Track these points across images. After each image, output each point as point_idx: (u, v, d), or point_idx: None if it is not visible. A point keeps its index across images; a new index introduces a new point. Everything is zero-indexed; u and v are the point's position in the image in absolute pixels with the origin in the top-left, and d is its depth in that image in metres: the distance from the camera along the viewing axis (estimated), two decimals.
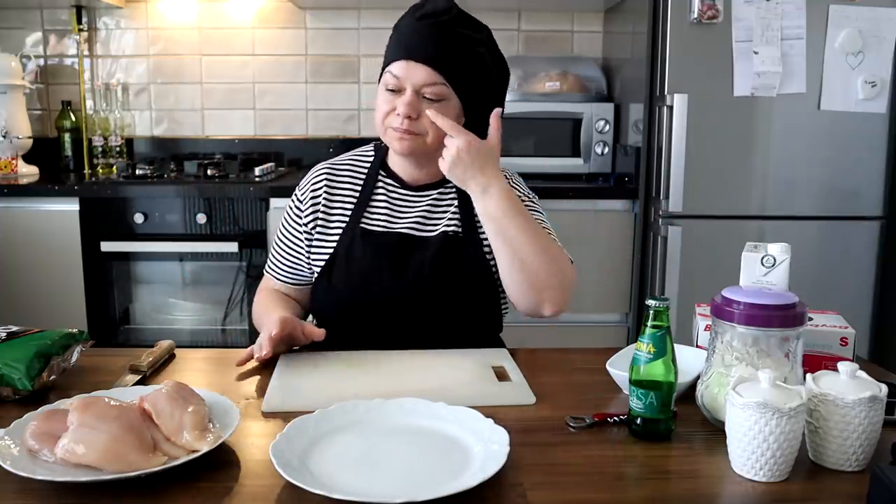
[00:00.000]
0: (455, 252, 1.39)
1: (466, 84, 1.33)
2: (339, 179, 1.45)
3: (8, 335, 1.16)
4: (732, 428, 0.90)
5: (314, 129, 3.25)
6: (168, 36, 3.16)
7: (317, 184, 1.44)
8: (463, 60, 1.32)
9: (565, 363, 1.30)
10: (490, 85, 1.37)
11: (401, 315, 1.38)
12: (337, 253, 1.40)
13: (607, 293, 2.68)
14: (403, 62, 1.30)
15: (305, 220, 1.44)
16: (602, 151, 2.81)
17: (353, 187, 1.44)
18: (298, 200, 1.46)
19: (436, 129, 1.32)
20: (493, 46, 1.37)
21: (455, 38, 1.31)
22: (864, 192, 2.51)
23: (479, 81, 1.35)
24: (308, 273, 1.47)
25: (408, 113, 1.30)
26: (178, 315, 2.76)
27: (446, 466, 0.89)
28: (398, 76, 1.31)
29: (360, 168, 1.46)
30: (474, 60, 1.33)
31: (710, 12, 2.37)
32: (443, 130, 1.30)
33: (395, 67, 1.31)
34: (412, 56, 1.30)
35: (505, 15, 3.16)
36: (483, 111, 1.35)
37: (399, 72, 1.31)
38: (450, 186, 1.43)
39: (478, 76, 1.34)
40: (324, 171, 1.46)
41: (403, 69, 1.30)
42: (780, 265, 1.07)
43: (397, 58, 1.31)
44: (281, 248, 1.49)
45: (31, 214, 2.57)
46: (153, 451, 0.88)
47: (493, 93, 1.39)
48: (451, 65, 1.30)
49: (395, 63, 1.32)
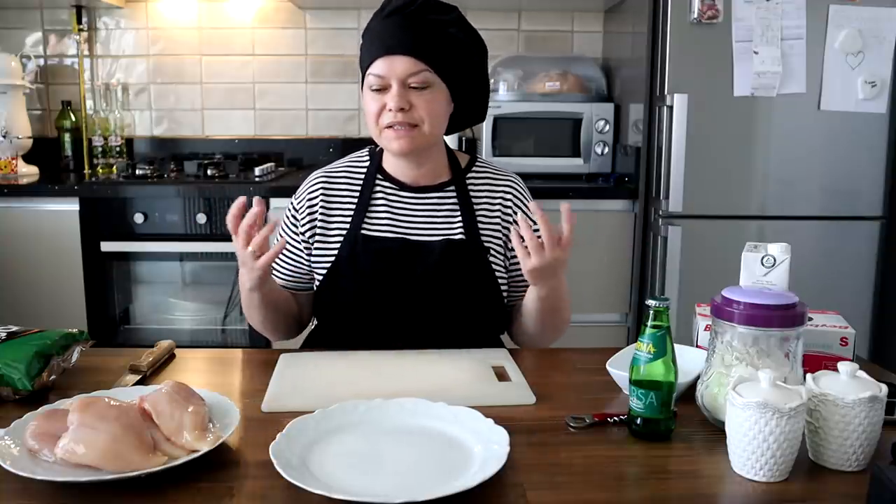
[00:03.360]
0: (460, 258, 1.39)
1: (447, 66, 1.34)
2: (336, 186, 1.44)
3: (8, 335, 1.16)
4: (732, 428, 0.90)
5: (314, 129, 3.25)
6: (168, 36, 3.16)
7: (313, 192, 1.43)
8: (439, 44, 1.33)
9: (565, 363, 1.30)
10: (470, 63, 1.38)
11: (406, 320, 1.38)
12: (339, 260, 1.40)
13: (607, 293, 2.68)
14: (383, 59, 1.31)
15: (303, 230, 1.43)
16: (602, 151, 2.81)
17: (350, 193, 1.43)
18: (295, 210, 1.45)
19: (430, 116, 1.33)
20: (464, 25, 1.38)
21: (427, 25, 1.32)
22: (864, 192, 2.51)
23: (458, 61, 1.36)
24: (308, 280, 1.47)
25: (399, 105, 1.30)
26: (178, 315, 2.76)
27: (446, 466, 0.89)
28: (381, 74, 1.31)
29: (356, 173, 1.45)
30: (449, 42, 1.34)
31: (710, 12, 2.37)
32: (437, 118, 1.33)
33: (377, 66, 1.32)
34: (390, 51, 1.31)
35: (505, 15, 3.16)
36: (469, 89, 1.38)
37: (381, 70, 1.31)
38: (450, 190, 1.43)
39: (456, 56, 1.35)
40: (320, 179, 1.45)
41: (385, 66, 1.31)
42: (780, 265, 1.08)
43: (376, 56, 1.32)
44: (280, 257, 1.48)
45: (31, 214, 2.57)
46: (153, 451, 0.88)
47: (474, 70, 1.40)
48: (429, 50, 1.31)
49: (375, 63, 1.32)
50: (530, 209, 1.30)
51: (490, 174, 1.47)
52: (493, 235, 1.42)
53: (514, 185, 1.46)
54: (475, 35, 1.39)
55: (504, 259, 1.44)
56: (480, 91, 1.43)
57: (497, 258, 1.42)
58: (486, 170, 1.47)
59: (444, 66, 1.33)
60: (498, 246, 1.43)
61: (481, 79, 1.42)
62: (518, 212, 1.43)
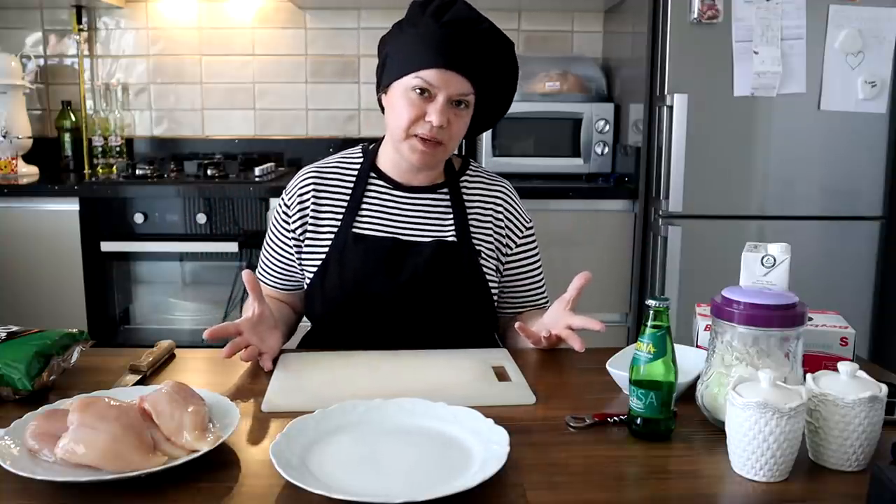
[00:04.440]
0: (450, 258, 1.39)
1: (490, 94, 1.36)
2: (327, 183, 1.43)
3: (8, 335, 1.15)
4: (732, 428, 0.90)
5: (314, 129, 3.25)
6: (168, 36, 3.16)
7: (303, 188, 1.43)
8: (492, 72, 1.34)
9: (565, 363, 1.30)
10: (509, 95, 1.42)
11: (395, 318, 1.38)
12: (330, 257, 1.39)
13: (607, 293, 2.68)
14: (439, 71, 1.28)
15: (293, 227, 1.43)
16: (602, 151, 2.81)
17: (342, 190, 1.43)
18: (285, 205, 1.44)
19: (457, 136, 1.34)
20: (514, 59, 1.39)
21: (488, 50, 1.32)
22: (864, 192, 2.51)
23: (500, 92, 1.39)
24: (299, 278, 1.47)
25: (442, 122, 1.29)
26: (178, 315, 2.76)
27: (446, 466, 0.89)
28: (432, 83, 1.28)
29: (348, 170, 1.44)
30: (499, 73, 1.36)
31: (710, 12, 2.37)
32: (460, 136, 1.35)
33: (430, 74, 1.28)
34: (450, 65, 1.28)
35: (505, 15, 3.16)
36: (492, 113, 1.42)
37: (434, 79, 1.28)
38: (443, 192, 1.43)
39: (500, 88, 1.38)
40: (310, 176, 1.44)
41: (439, 77, 1.28)
42: (780, 265, 1.07)
43: (432, 65, 1.28)
44: (270, 255, 1.48)
45: (31, 214, 2.57)
46: (153, 451, 0.88)
47: (507, 99, 1.43)
48: (483, 76, 1.32)
49: (428, 70, 1.28)
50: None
51: (483, 178, 1.48)
52: (485, 239, 1.43)
53: (506, 191, 1.48)
54: (516, 66, 1.40)
55: (496, 262, 1.44)
56: (500, 114, 1.45)
57: (488, 262, 1.42)
58: (479, 174, 1.48)
59: (490, 92, 1.35)
60: (489, 249, 1.43)
61: (506, 107, 1.44)
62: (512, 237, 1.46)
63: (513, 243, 1.46)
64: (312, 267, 1.41)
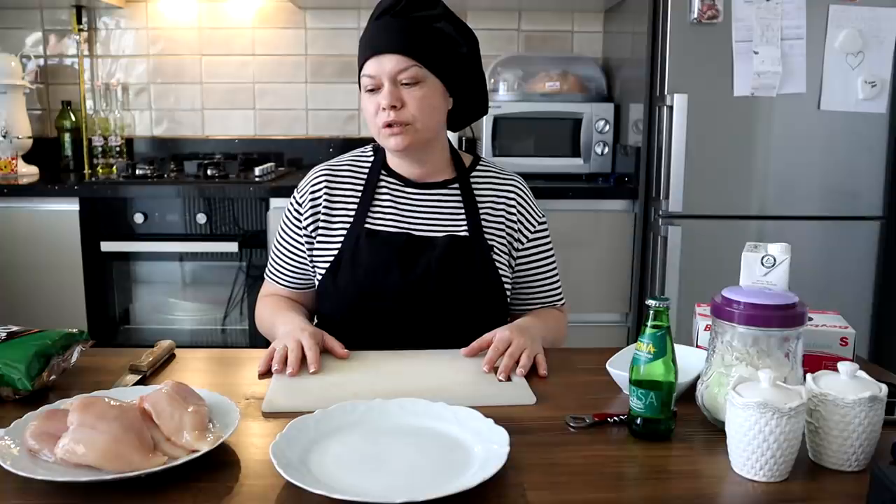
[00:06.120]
0: (463, 254, 1.39)
1: (437, 60, 1.34)
2: (340, 180, 1.44)
3: (8, 335, 1.15)
4: (732, 428, 0.90)
5: (314, 129, 3.25)
6: (168, 36, 3.16)
7: (316, 186, 1.44)
8: (426, 38, 1.34)
9: (565, 363, 1.29)
10: (460, 54, 1.39)
11: (408, 315, 1.38)
12: (342, 254, 1.40)
13: (607, 293, 2.68)
14: (373, 59, 1.33)
15: (305, 224, 1.43)
16: (602, 151, 2.81)
17: (354, 188, 1.44)
18: (297, 203, 1.45)
19: (423, 113, 1.33)
20: (451, 17, 1.39)
21: (413, 21, 1.34)
22: (864, 192, 2.51)
23: (448, 54, 1.36)
24: (311, 276, 1.47)
25: (390, 102, 1.31)
26: (178, 315, 2.76)
27: (446, 466, 0.89)
28: (372, 74, 1.33)
29: (360, 168, 1.46)
30: (437, 36, 1.35)
31: (710, 12, 2.37)
32: (430, 114, 1.33)
33: (368, 67, 1.34)
34: (379, 50, 1.33)
35: (505, 15, 3.16)
36: (464, 82, 1.40)
37: (372, 70, 1.33)
38: (454, 188, 1.44)
39: (445, 49, 1.36)
40: (323, 173, 1.45)
41: (375, 65, 1.33)
42: (780, 265, 1.07)
43: (367, 58, 1.34)
44: (282, 253, 1.48)
45: (31, 214, 2.57)
46: (153, 451, 0.88)
47: (466, 62, 1.40)
48: (416, 45, 1.32)
49: (366, 64, 1.35)
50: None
51: (494, 174, 1.47)
52: (497, 234, 1.43)
53: (518, 186, 1.48)
54: (464, 27, 1.40)
55: (508, 258, 1.44)
56: (477, 83, 1.43)
57: (500, 256, 1.43)
58: (490, 170, 1.48)
59: (434, 59, 1.34)
60: (501, 244, 1.43)
61: (475, 70, 1.42)
62: (518, 218, 1.44)
63: (525, 238, 1.46)
64: (324, 264, 1.42)
